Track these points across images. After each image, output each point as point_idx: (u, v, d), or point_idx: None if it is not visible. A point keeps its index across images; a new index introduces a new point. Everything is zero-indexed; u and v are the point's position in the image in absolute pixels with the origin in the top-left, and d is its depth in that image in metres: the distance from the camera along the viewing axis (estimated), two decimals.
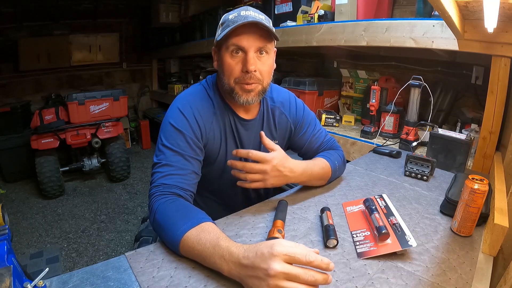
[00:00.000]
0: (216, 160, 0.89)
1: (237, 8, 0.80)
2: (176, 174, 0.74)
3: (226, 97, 0.87)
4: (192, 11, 3.17)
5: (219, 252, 0.55)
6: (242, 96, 0.81)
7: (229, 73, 0.79)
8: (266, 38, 0.78)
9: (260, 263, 0.49)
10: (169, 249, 0.64)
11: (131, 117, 4.38)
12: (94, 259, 1.99)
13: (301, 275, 0.48)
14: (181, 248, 0.60)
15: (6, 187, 2.97)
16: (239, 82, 0.79)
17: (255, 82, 0.79)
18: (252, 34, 0.76)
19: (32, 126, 2.69)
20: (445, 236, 0.74)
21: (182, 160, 0.76)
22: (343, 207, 0.85)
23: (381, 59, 1.91)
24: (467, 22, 1.09)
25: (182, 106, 0.82)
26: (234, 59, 0.78)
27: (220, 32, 0.79)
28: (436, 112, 1.60)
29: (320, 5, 1.82)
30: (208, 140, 0.85)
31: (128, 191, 2.97)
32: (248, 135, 0.91)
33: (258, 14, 0.78)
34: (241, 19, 0.75)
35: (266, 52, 0.80)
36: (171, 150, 0.76)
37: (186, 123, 0.80)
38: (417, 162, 1.09)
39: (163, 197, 0.70)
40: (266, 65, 0.81)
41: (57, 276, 0.55)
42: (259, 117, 0.92)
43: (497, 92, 1.10)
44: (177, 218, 0.64)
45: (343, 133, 1.71)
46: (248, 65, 0.76)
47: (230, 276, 0.54)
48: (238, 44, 0.76)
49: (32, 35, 3.49)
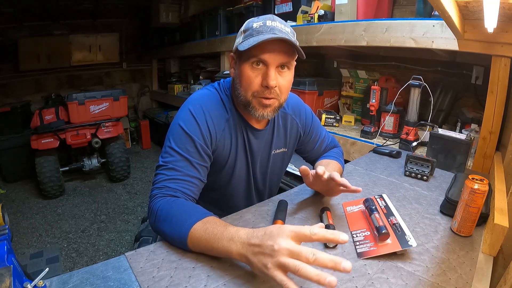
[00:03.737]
0: (224, 168, 0.87)
1: (262, 16, 0.77)
2: (181, 179, 0.73)
3: (240, 107, 0.84)
4: (192, 11, 3.16)
5: (227, 236, 0.56)
6: (259, 111, 0.78)
7: (248, 86, 0.76)
8: (290, 54, 0.75)
9: (267, 240, 0.51)
10: (169, 249, 0.64)
11: (131, 117, 4.38)
12: (94, 259, 1.99)
13: (302, 251, 0.48)
14: (189, 241, 0.60)
15: (6, 187, 2.97)
16: (257, 96, 0.76)
17: (274, 97, 0.77)
18: (277, 49, 0.73)
19: (32, 126, 2.69)
20: (445, 236, 0.74)
21: (189, 166, 0.75)
22: (343, 207, 0.85)
23: (381, 59, 1.91)
24: (467, 22, 1.09)
25: (194, 109, 0.79)
26: (254, 72, 0.75)
27: (242, 40, 0.76)
28: (436, 112, 1.60)
29: (320, 5, 1.82)
30: (217, 147, 0.83)
31: (128, 191, 2.97)
32: (258, 144, 0.90)
33: (284, 27, 0.75)
34: (266, 30, 0.72)
35: (288, 67, 0.77)
36: (179, 155, 0.75)
37: (196, 127, 0.77)
38: (417, 162, 1.09)
39: (164, 198, 0.70)
40: (286, 81, 0.78)
41: (57, 276, 0.55)
42: (270, 126, 0.91)
43: (497, 92, 1.10)
44: (181, 214, 0.64)
45: (343, 133, 1.71)
46: (269, 80, 0.73)
47: (238, 258, 0.55)
48: (261, 58, 0.73)
49: (32, 35, 3.49)
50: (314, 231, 0.50)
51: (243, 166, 0.90)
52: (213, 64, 3.37)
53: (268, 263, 0.49)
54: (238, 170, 0.89)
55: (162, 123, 3.82)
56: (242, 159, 0.89)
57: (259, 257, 0.51)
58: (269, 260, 0.49)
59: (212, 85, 0.90)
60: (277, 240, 0.49)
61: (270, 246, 0.49)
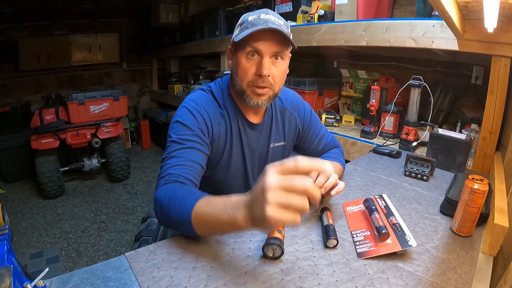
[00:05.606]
0: (219, 162, 0.89)
1: (258, 10, 0.80)
2: (182, 164, 0.75)
3: (237, 97, 0.87)
4: (192, 11, 3.17)
5: (230, 204, 0.54)
6: (253, 99, 0.81)
7: (243, 75, 0.80)
8: (283, 44, 0.79)
9: (258, 186, 0.48)
10: (169, 249, 0.64)
11: (131, 117, 4.38)
12: (94, 259, 1.99)
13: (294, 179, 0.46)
14: (193, 219, 0.59)
15: (6, 187, 2.97)
16: (251, 85, 0.80)
17: (267, 86, 0.80)
18: (270, 39, 0.76)
19: (32, 126, 2.69)
20: (445, 236, 0.74)
21: (188, 152, 0.77)
22: (343, 207, 0.85)
23: (381, 59, 1.91)
24: (467, 22, 1.09)
25: (190, 106, 0.83)
26: (249, 62, 0.78)
27: (238, 32, 0.80)
28: (436, 112, 1.60)
29: (320, 5, 1.82)
30: (213, 140, 0.85)
31: (128, 191, 2.97)
32: (255, 138, 0.91)
33: (277, 19, 0.79)
34: (260, 23, 0.76)
35: (281, 57, 0.80)
36: (178, 143, 0.77)
37: (193, 119, 0.81)
38: (417, 162, 1.09)
39: (166, 184, 0.70)
40: (280, 70, 0.81)
41: (57, 276, 0.55)
42: (267, 120, 0.93)
43: (497, 92, 1.11)
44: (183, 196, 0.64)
45: (343, 133, 1.71)
46: (262, 69, 0.77)
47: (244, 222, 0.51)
48: (255, 48, 0.76)
49: (32, 35, 3.49)
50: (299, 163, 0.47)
51: (239, 161, 0.91)
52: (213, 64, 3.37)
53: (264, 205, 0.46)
54: (233, 165, 0.90)
55: (162, 123, 3.82)
56: (237, 153, 0.90)
57: (256, 206, 0.48)
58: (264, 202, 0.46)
59: (207, 84, 0.92)
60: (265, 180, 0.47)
61: (261, 189, 0.47)
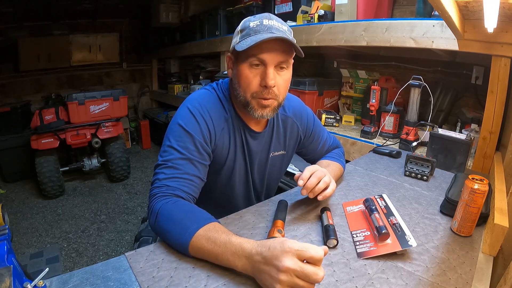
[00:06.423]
0: (222, 169, 0.87)
1: (259, 15, 0.76)
2: (181, 178, 0.72)
3: (239, 108, 0.84)
4: (192, 11, 3.17)
5: (231, 249, 0.55)
6: (258, 111, 0.78)
7: (246, 86, 0.76)
8: (288, 52, 0.75)
9: (272, 259, 0.50)
10: (169, 249, 0.64)
11: (131, 117, 4.38)
12: (94, 259, 1.99)
13: (311, 274, 0.48)
14: (190, 249, 0.60)
15: (6, 187, 2.97)
16: (256, 97, 0.76)
17: (272, 97, 0.77)
18: (275, 48, 0.72)
19: (32, 126, 2.69)
20: (445, 236, 0.74)
21: (189, 164, 0.74)
22: (343, 207, 0.85)
23: (381, 59, 1.91)
24: (467, 22, 1.09)
25: (193, 108, 0.78)
26: (252, 72, 0.75)
27: (239, 39, 0.75)
28: (436, 112, 1.60)
29: (320, 5, 1.82)
30: (217, 146, 0.82)
31: (128, 191, 2.97)
32: (257, 146, 0.90)
33: (281, 25, 0.75)
34: (264, 29, 0.72)
35: (286, 67, 0.77)
36: (179, 152, 0.74)
37: (196, 125, 0.76)
38: (417, 162, 1.09)
39: (164, 198, 0.68)
40: (284, 80, 0.78)
41: (57, 276, 0.55)
42: (269, 128, 0.91)
43: (497, 92, 1.11)
44: (183, 219, 0.63)
45: (343, 133, 1.71)
46: (268, 80, 0.73)
47: (244, 272, 0.55)
48: (260, 57, 0.73)
49: (32, 35, 3.49)
50: (316, 255, 0.49)
51: (242, 167, 0.90)
52: (213, 64, 3.38)
53: (275, 283, 0.49)
54: (237, 171, 0.89)
55: (162, 123, 3.82)
56: (240, 159, 0.88)
57: (265, 276, 0.51)
58: (276, 280, 0.49)
59: (210, 85, 0.90)
60: (282, 260, 0.49)
61: (276, 267, 0.49)
